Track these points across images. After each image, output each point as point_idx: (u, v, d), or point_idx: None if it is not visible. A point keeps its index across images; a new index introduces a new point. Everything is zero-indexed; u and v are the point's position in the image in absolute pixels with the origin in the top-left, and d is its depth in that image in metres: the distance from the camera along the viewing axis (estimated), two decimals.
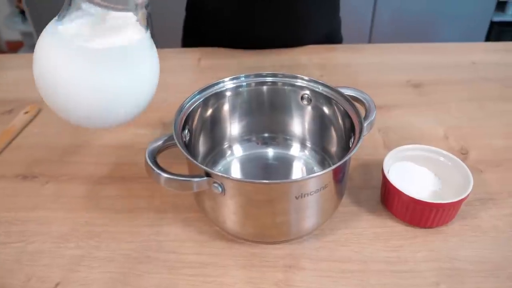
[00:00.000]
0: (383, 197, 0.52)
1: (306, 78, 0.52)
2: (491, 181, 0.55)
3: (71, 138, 0.64)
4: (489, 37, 2.20)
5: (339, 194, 0.46)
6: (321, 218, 0.46)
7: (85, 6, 0.39)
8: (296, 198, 0.40)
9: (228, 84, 0.52)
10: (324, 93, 0.51)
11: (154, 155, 0.43)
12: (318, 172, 0.39)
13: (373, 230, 0.49)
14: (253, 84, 0.53)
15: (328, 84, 0.51)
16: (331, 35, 0.96)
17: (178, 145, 0.42)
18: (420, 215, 0.47)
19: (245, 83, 0.53)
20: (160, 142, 0.45)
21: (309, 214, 0.43)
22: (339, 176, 0.44)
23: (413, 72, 0.81)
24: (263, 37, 0.87)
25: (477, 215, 0.50)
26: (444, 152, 0.51)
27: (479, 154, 0.60)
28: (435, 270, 0.44)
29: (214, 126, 0.54)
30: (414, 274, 0.44)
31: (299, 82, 0.53)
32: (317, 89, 0.52)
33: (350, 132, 0.47)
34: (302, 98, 0.54)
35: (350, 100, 0.49)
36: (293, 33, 0.89)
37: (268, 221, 0.43)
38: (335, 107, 0.50)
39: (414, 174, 0.52)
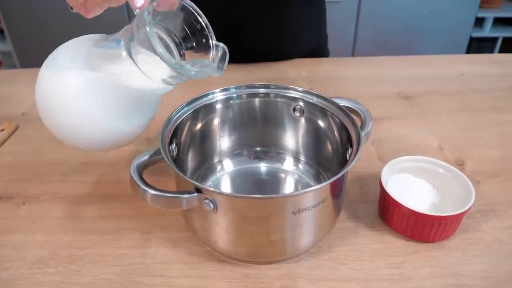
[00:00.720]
0: (381, 211, 0.49)
1: (299, 89, 0.50)
2: (490, 192, 0.54)
3: (50, 155, 0.61)
4: (468, 53, 2.25)
5: (337, 209, 0.44)
6: (318, 234, 0.43)
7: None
8: (294, 213, 0.38)
9: (218, 95, 0.50)
10: (319, 104, 0.49)
11: (139, 171, 0.40)
12: (317, 185, 0.36)
13: (372, 246, 0.46)
14: (244, 96, 0.51)
15: (322, 95, 0.49)
16: (318, 50, 0.96)
17: (166, 159, 0.40)
18: (422, 229, 0.45)
19: (235, 95, 0.51)
20: (146, 157, 0.42)
21: (307, 231, 0.41)
22: (337, 190, 0.41)
23: (402, 84, 0.80)
24: (250, 51, 0.86)
25: (479, 228, 0.49)
26: (443, 163, 0.50)
27: (476, 165, 0.59)
28: (440, 287, 0.42)
29: (203, 140, 0.52)
30: None
31: (292, 93, 0.51)
32: (311, 100, 0.50)
33: (347, 143, 0.45)
34: (294, 109, 0.52)
35: (346, 110, 0.47)
36: (281, 47, 0.88)
37: (263, 239, 0.40)
38: (330, 118, 0.48)
39: (413, 187, 0.50)
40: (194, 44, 0.44)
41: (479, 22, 2.23)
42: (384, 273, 0.43)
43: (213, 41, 0.43)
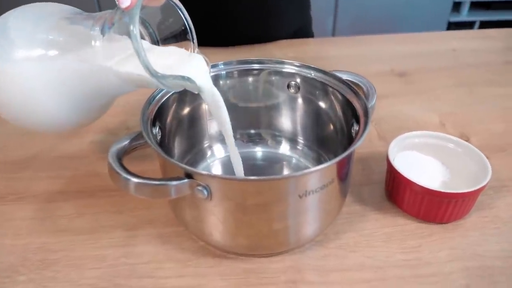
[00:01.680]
0: (389, 191, 0.45)
1: (296, 63, 0.46)
2: (499, 168, 0.50)
3: (18, 151, 0.54)
4: None
5: (344, 191, 0.39)
6: (326, 220, 0.38)
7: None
8: (300, 197, 0.33)
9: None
10: (317, 78, 0.45)
11: (119, 158, 0.35)
12: (327, 163, 0.32)
13: (383, 230, 0.42)
14: (235, 73, 0.46)
15: (321, 69, 0.45)
16: (302, 31, 0.91)
17: (149, 141, 0.34)
18: (437, 208, 0.41)
19: (224, 72, 0.45)
20: (126, 142, 0.37)
21: (313, 216, 0.36)
22: (346, 168, 0.37)
23: (395, 62, 0.76)
24: (234, 33, 0.81)
25: (494, 205, 0.45)
26: (454, 138, 0.46)
27: (481, 139, 0.55)
28: (462, 271, 0.38)
29: (190, 123, 0.46)
30: (440, 278, 0.37)
31: (288, 69, 0.46)
32: (309, 75, 0.45)
33: (351, 119, 0.41)
34: (288, 86, 0.47)
35: (348, 83, 0.42)
36: (265, 27, 0.83)
37: (265, 228, 0.35)
38: (331, 93, 0.44)
39: (421, 164, 0.46)
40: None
41: (456, 6, 2.23)
42: (400, 258, 0.39)
43: (196, 49, 0.38)
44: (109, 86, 0.37)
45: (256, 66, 0.46)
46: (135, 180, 0.32)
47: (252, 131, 0.50)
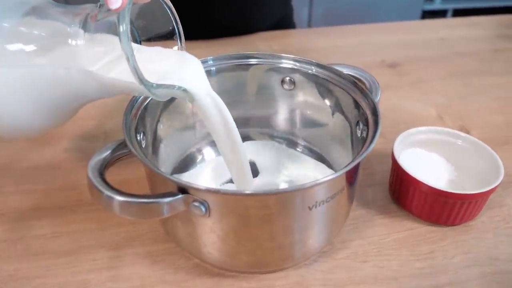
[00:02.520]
0: (396, 193, 0.42)
1: (291, 57, 0.42)
2: (505, 162, 0.47)
3: None
4: None
5: (352, 197, 0.36)
6: (335, 230, 0.35)
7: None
8: (310, 208, 0.29)
9: None
10: (317, 74, 0.41)
11: (101, 172, 0.30)
12: (342, 170, 0.28)
13: (393, 236, 0.39)
14: (224, 69, 0.42)
15: (320, 63, 0.41)
16: (284, 21, 0.87)
17: (135, 152, 0.30)
18: (449, 210, 0.38)
19: (214, 68, 0.41)
20: (107, 153, 0.32)
21: (323, 227, 0.33)
22: (356, 174, 0.33)
23: (385, 52, 0.74)
24: (214, 23, 0.76)
25: (504, 203, 0.43)
26: (463, 134, 0.43)
27: (482, 132, 0.53)
28: (479, 278, 0.35)
29: (177, 126, 0.42)
30: (458, 287, 0.34)
31: (285, 64, 0.42)
32: (309, 71, 0.41)
33: (356, 117, 0.37)
34: (282, 82, 0.43)
35: (350, 78, 0.39)
36: (246, 18, 0.79)
37: (271, 244, 0.31)
38: (333, 90, 0.40)
39: (426, 162, 0.44)
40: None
41: None
42: (413, 267, 0.36)
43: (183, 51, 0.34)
44: (86, 91, 0.32)
45: (250, 61, 0.42)
46: (119, 198, 0.28)
47: (245, 132, 0.46)
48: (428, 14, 2.32)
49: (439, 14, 2.39)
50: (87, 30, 0.29)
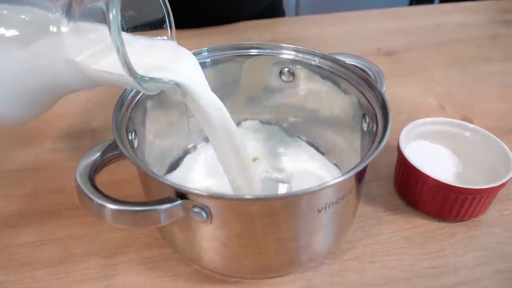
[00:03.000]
0: (401, 187, 0.41)
1: (294, 47, 0.39)
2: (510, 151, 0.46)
3: None
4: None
5: (360, 195, 0.34)
6: (343, 230, 0.33)
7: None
8: (319, 211, 0.27)
9: None
10: (315, 63, 0.39)
11: (90, 177, 0.28)
12: (355, 168, 0.26)
13: (401, 234, 0.37)
14: (221, 60, 0.39)
15: (321, 53, 0.39)
16: (273, 7, 0.85)
17: (128, 155, 0.27)
18: (460, 205, 0.36)
19: (209, 60, 0.38)
20: (97, 155, 0.30)
21: (332, 229, 0.31)
22: (365, 173, 0.31)
23: (380, 40, 0.72)
24: (201, 8, 0.73)
25: None
26: (471, 125, 0.41)
27: (485, 121, 0.51)
28: (493, 275, 0.34)
29: (170, 122, 0.39)
30: (471, 286, 0.33)
31: (285, 55, 0.39)
32: (304, 60, 0.39)
33: (359, 110, 0.35)
34: (281, 73, 0.41)
35: (355, 68, 0.36)
36: (235, 2, 0.76)
37: (276, 249, 0.29)
38: (335, 81, 0.38)
39: (431, 155, 0.42)
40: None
41: None
42: (424, 267, 0.34)
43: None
44: (70, 82, 0.29)
45: (249, 51, 0.39)
46: (112, 206, 0.25)
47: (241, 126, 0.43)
48: (416, 1, 2.31)
49: (427, 0, 2.38)
50: (71, 17, 0.26)
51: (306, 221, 0.28)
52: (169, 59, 0.30)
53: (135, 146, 0.33)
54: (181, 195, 0.26)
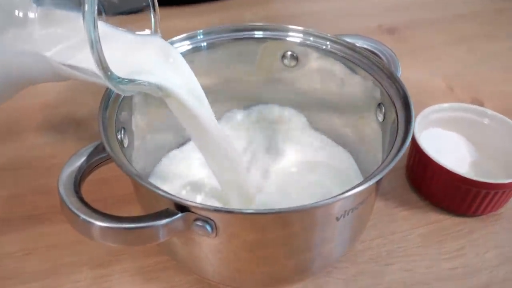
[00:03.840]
0: (414, 179, 0.38)
1: (302, 29, 0.35)
2: None
3: None
4: None
5: (377, 196, 0.31)
6: (359, 234, 0.30)
7: None
8: (337, 219, 0.24)
9: (180, 47, 0.34)
10: (331, 49, 0.35)
11: (75, 187, 0.24)
12: (377, 175, 0.23)
13: (417, 231, 0.35)
14: (219, 44, 0.35)
15: (328, 35, 0.35)
16: None
17: (118, 161, 0.24)
18: (480, 200, 0.34)
19: (205, 43, 0.34)
20: (81, 160, 0.26)
21: (348, 235, 0.28)
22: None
23: (381, 16, 0.67)
24: None
25: None
26: (489, 111, 0.38)
27: (497, 104, 0.48)
28: None
29: (164, 117, 0.36)
30: None
31: (292, 37, 0.35)
32: (308, 42, 0.35)
33: (371, 100, 0.32)
34: (283, 57, 0.37)
35: (367, 52, 0.33)
36: None
37: (289, 260, 0.26)
38: (349, 66, 0.34)
39: (447, 143, 0.39)
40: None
41: None
42: (444, 268, 0.32)
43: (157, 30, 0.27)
44: (38, 74, 0.25)
45: (253, 34, 0.35)
46: (100, 224, 0.22)
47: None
48: None
49: None
50: (41, 1, 0.22)
51: (323, 230, 0.25)
52: (151, 58, 0.26)
53: (126, 145, 0.30)
54: (180, 207, 0.23)
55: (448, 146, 0.39)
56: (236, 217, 0.22)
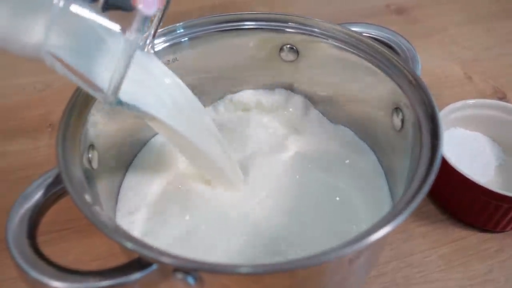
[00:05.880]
0: (434, 190, 0.33)
1: (301, 18, 0.30)
2: None
3: None
4: None
5: None
6: (372, 270, 0.26)
7: None
8: (351, 260, 0.20)
9: (159, 44, 0.28)
10: (333, 41, 0.29)
11: (30, 231, 0.20)
12: (403, 213, 0.18)
13: (438, 251, 0.30)
14: (203, 41, 0.30)
15: (339, 26, 0.29)
16: None
17: (77, 202, 0.19)
18: (510, 217, 0.29)
19: (186, 39, 0.29)
20: (39, 194, 0.21)
21: (362, 274, 0.23)
22: None
23: None
24: None
25: None
26: None
27: None
28: None
29: (139, 128, 0.31)
30: None
31: (290, 28, 0.30)
32: (310, 33, 0.30)
33: (393, 105, 0.27)
34: (281, 50, 0.32)
35: (382, 45, 0.28)
36: None
37: None
38: (356, 62, 0.29)
39: (470, 146, 0.34)
40: None
41: None
42: None
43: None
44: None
45: (243, 24, 0.30)
46: (57, 284, 0.17)
47: None
48: None
49: None
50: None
51: (335, 276, 0.20)
52: (145, 82, 0.22)
53: (95, 166, 0.25)
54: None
55: (472, 149, 0.34)
56: (230, 277, 0.18)
